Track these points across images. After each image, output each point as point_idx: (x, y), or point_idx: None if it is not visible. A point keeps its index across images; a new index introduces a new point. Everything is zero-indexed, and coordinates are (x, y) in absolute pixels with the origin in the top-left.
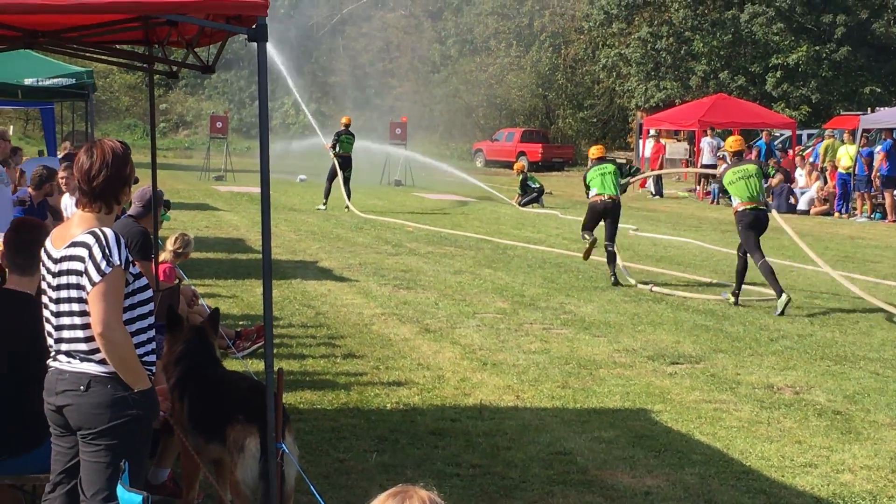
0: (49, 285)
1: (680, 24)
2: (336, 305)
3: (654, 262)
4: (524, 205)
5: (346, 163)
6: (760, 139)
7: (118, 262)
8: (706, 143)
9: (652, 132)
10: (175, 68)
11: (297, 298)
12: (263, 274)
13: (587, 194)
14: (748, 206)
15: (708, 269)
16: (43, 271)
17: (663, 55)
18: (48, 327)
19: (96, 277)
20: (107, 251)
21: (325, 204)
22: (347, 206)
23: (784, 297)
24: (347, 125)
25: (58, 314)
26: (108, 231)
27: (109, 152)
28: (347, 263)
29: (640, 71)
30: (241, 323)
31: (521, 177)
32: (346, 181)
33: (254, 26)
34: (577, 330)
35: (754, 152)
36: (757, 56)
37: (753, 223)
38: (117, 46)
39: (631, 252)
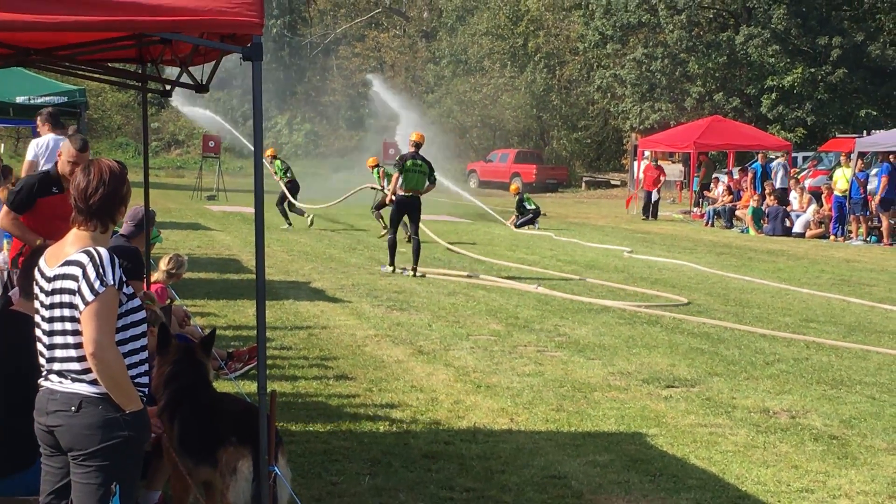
0: (42, 304)
1: (675, 45)
2: (329, 326)
3: (650, 284)
4: (519, 226)
5: (294, 187)
6: (756, 161)
7: (112, 282)
8: (778, 164)
9: (647, 154)
10: (168, 87)
11: (290, 319)
12: (257, 294)
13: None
14: None
15: (703, 291)
16: (36, 290)
17: (658, 76)
18: (40, 347)
19: (90, 297)
20: (101, 270)
21: (290, 224)
22: (311, 220)
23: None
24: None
25: (50, 333)
26: (103, 250)
27: (107, 171)
28: (340, 284)
29: (635, 92)
30: (233, 343)
31: (517, 198)
32: (291, 205)
33: (248, 45)
34: (571, 352)
35: (750, 175)
36: (752, 78)
37: None
38: (110, 64)
39: (625, 274)
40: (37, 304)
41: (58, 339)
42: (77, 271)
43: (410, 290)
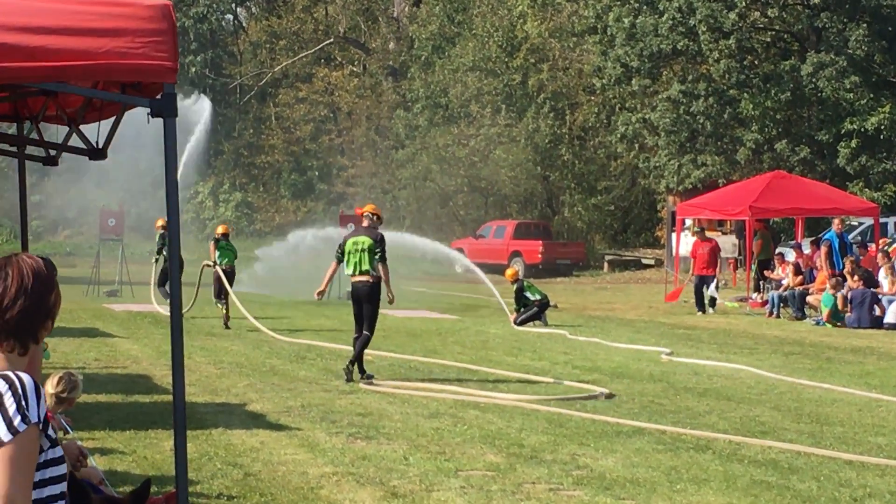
0: None
1: (722, 79)
2: (271, 463)
3: (697, 396)
4: (521, 322)
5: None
6: (830, 230)
7: (36, 420)
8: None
9: (688, 223)
10: (54, 152)
11: (220, 455)
12: (175, 422)
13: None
14: None
15: (767, 404)
16: None
17: (701, 120)
18: None
19: (5, 436)
20: (23, 403)
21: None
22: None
23: None
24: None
25: None
26: (27, 377)
27: (29, 274)
28: (286, 406)
29: (671, 142)
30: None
31: (515, 286)
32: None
33: (159, 96)
34: (594, 491)
35: (823, 249)
36: (825, 120)
37: None
38: None
39: (664, 384)
40: None
41: None
42: None
43: (379, 411)
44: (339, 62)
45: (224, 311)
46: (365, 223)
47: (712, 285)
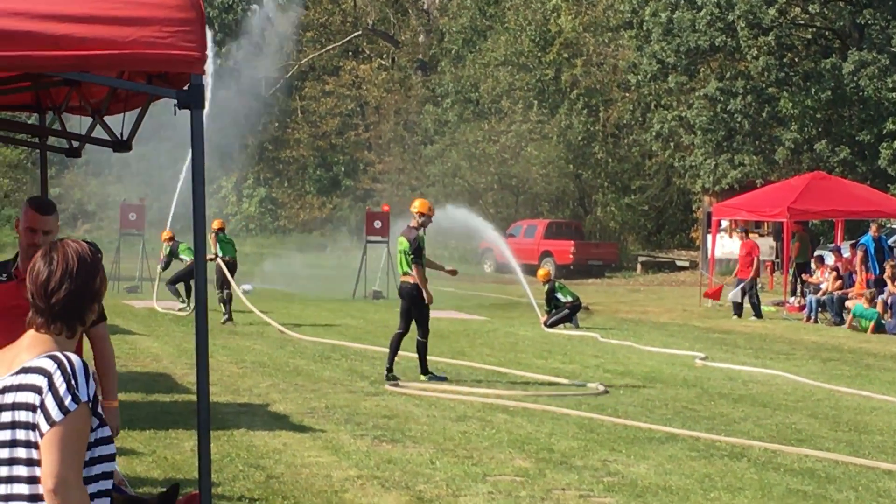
0: None
1: (760, 76)
2: (295, 466)
3: (732, 402)
4: (552, 325)
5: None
6: (867, 234)
7: (86, 399)
8: None
9: (725, 224)
10: (77, 143)
11: (242, 456)
12: (199, 423)
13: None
14: None
15: (804, 412)
16: None
17: (738, 119)
18: None
19: (57, 416)
20: (73, 382)
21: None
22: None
23: None
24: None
25: (3, 462)
26: (75, 357)
27: (74, 259)
28: (309, 407)
29: (708, 141)
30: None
31: (546, 287)
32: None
33: (186, 87)
34: (626, 498)
35: (860, 252)
36: (866, 120)
37: None
38: None
39: (698, 389)
40: None
41: (2, 471)
42: (40, 381)
43: (405, 413)
44: (367, 55)
45: (226, 306)
46: (411, 222)
47: (737, 288)
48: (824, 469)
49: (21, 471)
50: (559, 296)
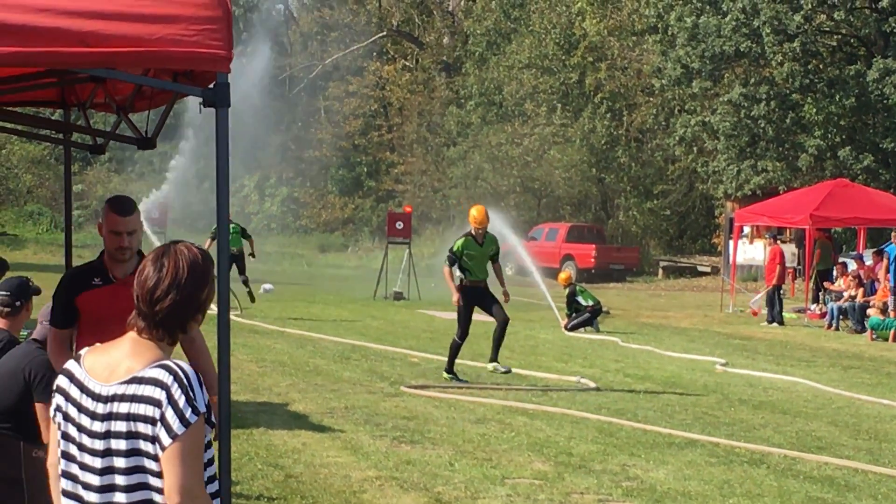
0: (82, 430)
1: (785, 82)
2: (313, 465)
3: (752, 409)
4: (572, 328)
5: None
6: (891, 243)
7: (203, 409)
8: None
9: (747, 230)
10: (101, 140)
11: (261, 455)
12: (220, 422)
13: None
14: None
15: (824, 419)
16: (70, 410)
17: (762, 125)
18: (74, 487)
19: (178, 428)
20: (191, 394)
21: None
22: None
23: None
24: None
25: (103, 471)
26: (188, 367)
27: (184, 267)
28: (329, 407)
29: (731, 146)
30: None
31: (567, 290)
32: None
33: (211, 86)
34: (645, 503)
35: (884, 261)
36: (891, 128)
37: None
38: (20, 110)
39: (718, 395)
40: (70, 430)
41: (120, 481)
42: (159, 394)
43: (425, 415)
44: (391, 56)
45: (247, 290)
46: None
47: (759, 295)
48: (844, 477)
49: (139, 481)
50: (580, 299)
